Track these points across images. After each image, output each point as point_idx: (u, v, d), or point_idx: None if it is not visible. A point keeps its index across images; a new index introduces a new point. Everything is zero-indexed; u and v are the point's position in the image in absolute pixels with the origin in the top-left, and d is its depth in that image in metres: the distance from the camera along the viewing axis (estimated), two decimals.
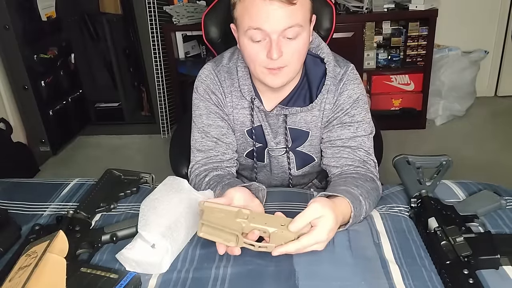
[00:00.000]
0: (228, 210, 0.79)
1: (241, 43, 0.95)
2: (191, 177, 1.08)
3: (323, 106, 1.04)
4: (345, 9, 2.69)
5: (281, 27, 0.88)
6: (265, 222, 0.77)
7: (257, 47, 0.91)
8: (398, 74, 2.86)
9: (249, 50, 0.93)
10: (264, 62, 0.92)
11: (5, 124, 2.49)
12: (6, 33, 2.44)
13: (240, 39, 0.95)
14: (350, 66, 1.05)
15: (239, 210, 0.78)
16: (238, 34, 0.96)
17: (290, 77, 0.97)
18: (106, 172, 1.09)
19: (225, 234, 0.77)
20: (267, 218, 0.79)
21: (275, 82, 0.96)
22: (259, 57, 0.92)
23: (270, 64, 0.92)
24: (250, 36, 0.90)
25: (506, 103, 3.19)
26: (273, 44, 0.88)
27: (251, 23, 0.88)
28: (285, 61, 0.92)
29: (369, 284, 0.73)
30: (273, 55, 0.89)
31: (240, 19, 0.92)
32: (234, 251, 0.78)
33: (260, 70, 0.94)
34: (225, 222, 0.77)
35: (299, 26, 0.89)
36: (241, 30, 0.93)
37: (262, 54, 0.91)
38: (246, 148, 1.13)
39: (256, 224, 0.77)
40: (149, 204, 0.86)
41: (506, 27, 3.06)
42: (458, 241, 0.77)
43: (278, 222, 0.78)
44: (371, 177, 0.98)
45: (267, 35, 0.89)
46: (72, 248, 0.81)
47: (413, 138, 2.78)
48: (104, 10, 3.00)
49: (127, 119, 3.28)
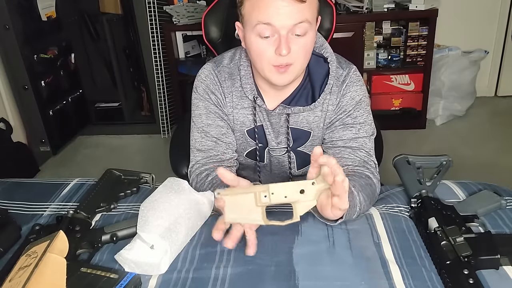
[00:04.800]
0: (246, 194, 0.78)
1: (248, 40, 0.94)
2: (192, 177, 1.08)
3: (325, 107, 1.04)
4: (345, 9, 2.69)
5: (291, 22, 0.88)
6: (284, 195, 0.77)
7: (265, 43, 0.91)
8: (398, 74, 2.86)
9: (256, 46, 0.92)
10: (272, 59, 0.92)
11: (5, 124, 2.49)
12: (6, 33, 2.44)
13: (247, 36, 0.95)
14: (353, 67, 1.05)
15: (256, 193, 0.77)
16: (244, 31, 0.96)
17: (296, 75, 0.97)
18: (106, 172, 1.09)
19: (251, 216, 0.78)
20: (286, 189, 0.77)
21: (281, 80, 0.96)
22: (267, 54, 0.92)
23: (278, 61, 0.92)
24: (258, 32, 0.90)
25: (506, 103, 3.19)
26: (282, 40, 0.89)
27: (261, 17, 0.88)
28: (293, 58, 0.92)
29: (369, 284, 0.73)
30: (282, 50, 0.89)
31: (248, 15, 0.91)
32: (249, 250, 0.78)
33: (268, 68, 0.94)
34: (248, 207, 0.77)
35: (308, 23, 0.90)
36: (249, 26, 0.92)
37: (270, 51, 0.91)
38: (246, 148, 1.13)
39: (277, 201, 0.77)
40: (149, 205, 0.86)
41: (506, 27, 3.06)
42: (458, 241, 0.78)
43: (297, 189, 0.77)
44: (366, 174, 0.98)
45: (276, 31, 0.89)
46: (72, 248, 0.81)
47: (413, 138, 2.78)
48: (104, 10, 3.00)
49: (127, 119, 3.28)
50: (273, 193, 0.77)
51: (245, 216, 0.78)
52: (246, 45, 0.97)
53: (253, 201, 0.77)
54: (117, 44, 3.15)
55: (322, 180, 0.77)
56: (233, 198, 0.78)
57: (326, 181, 0.75)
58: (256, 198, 0.77)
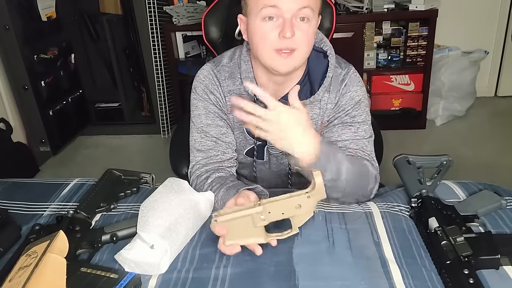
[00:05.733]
0: (243, 218, 0.80)
1: (252, 27, 0.95)
2: (192, 178, 1.08)
3: (323, 105, 1.04)
4: (345, 9, 2.69)
5: (296, 6, 0.89)
6: (281, 212, 0.80)
7: (269, 26, 0.92)
8: (398, 74, 2.86)
9: (260, 30, 0.93)
10: (275, 43, 0.92)
11: (5, 124, 2.49)
12: (6, 33, 2.44)
13: (251, 24, 0.95)
14: (352, 68, 1.06)
15: (252, 215, 0.79)
16: (248, 20, 0.96)
17: (298, 63, 0.97)
18: (106, 172, 1.09)
19: (251, 237, 0.81)
20: (282, 206, 0.80)
21: (284, 67, 0.96)
22: (270, 37, 0.92)
23: (282, 44, 0.92)
24: (263, 15, 0.91)
25: (506, 103, 3.19)
26: (286, 22, 0.90)
27: (267, 1, 0.90)
28: (296, 43, 0.92)
29: (369, 284, 0.73)
30: (286, 33, 0.90)
31: (254, 2, 0.93)
32: (256, 251, 0.81)
33: (269, 54, 0.94)
34: (247, 229, 0.80)
35: (311, 10, 0.91)
36: (253, 13, 0.93)
37: (274, 34, 0.92)
38: (245, 146, 1.13)
39: (274, 219, 0.80)
40: (149, 205, 0.86)
41: (506, 27, 3.06)
42: (459, 241, 0.77)
43: (293, 205, 0.80)
44: (362, 158, 1.00)
45: (281, 14, 0.90)
46: (72, 248, 0.81)
47: (413, 138, 2.78)
48: (104, 10, 3.00)
49: (127, 119, 3.28)
50: (270, 212, 0.79)
51: (245, 238, 0.80)
52: (249, 34, 0.97)
53: (251, 224, 0.79)
54: (117, 44, 3.15)
55: (317, 191, 0.79)
56: (230, 224, 0.80)
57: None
58: (254, 220, 0.79)
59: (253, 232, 0.80)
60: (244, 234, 0.80)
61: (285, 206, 0.80)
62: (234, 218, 0.80)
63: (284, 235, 0.82)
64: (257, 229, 0.80)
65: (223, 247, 0.82)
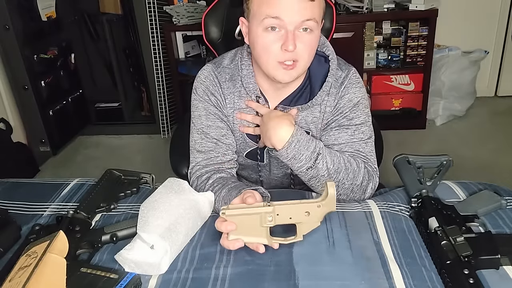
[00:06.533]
0: (252, 216, 0.80)
1: (254, 34, 0.94)
2: (192, 179, 1.08)
3: (323, 108, 1.04)
4: (345, 9, 2.69)
5: (299, 19, 0.89)
6: (289, 216, 0.81)
7: (272, 37, 0.91)
8: (398, 74, 2.86)
9: (262, 40, 0.93)
10: (278, 55, 0.92)
11: (5, 124, 2.49)
12: (6, 33, 2.44)
13: (253, 30, 0.95)
14: (352, 69, 1.05)
15: (261, 213, 0.80)
16: (250, 25, 0.96)
17: (300, 73, 0.97)
18: (106, 172, 1.09)
19: (255, 236, 0.81)
20: (291, 211, 0.81)
21: (286, 77, 0.96)
22: (272, 49, 0.92)
23: (284, 57, 0.92)
24: (265, 25, 0.91)
25: (506, 103, 3.19)
26: (289, 35, 0.89)
27: (269, 11, 0.89)
28: (298, 55, 0.92)
29: (369, 284, 0.73)
30: (288, 46, 0.89)
31: (257, 8, 0.92)
32: (259, 248, 0.81)
33: (273, 64, 0.94)
34: (253, 227, 0.80)
35: (315, 22, 0.91)
36: (256, 21, 0.93)
37: (276, 46, 0.91)
38: (245, 148, 1.13)
39: (281, 222, 0.81)
40: (149, 205, 0.86)
41: (506, 27, 3.06)
42: (459, 241, 0.77)
43: (302, 211, 0.81)
44: (354, 158, 1.01)
45: (284, 26, 0.89)
46: (72, 248, 0.81)
47: (413, 138, 2.78)
48: (104, 10, 3.00)
49: (127, 119, 3.29)
50: (278, 214, 0.80)
51: (249, 235, 0.81)
52: (251, 40, 0.97)
53: (258, 222, 0.80)
54: (117, 44, 3.15)
55: (328, 201, 0.79)
56: (238, 219, 0.80)
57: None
58: (261, 219, 0.80)
59: (258, 231, 0.80)
60: (249, 232, 0.80)
61: (294, 211, 0.81)
62: (243, 214, 0.80)
63: (288, 241, 0.82)
64: (262, 229, 0.80)
65: (226, 242, 0.81)
